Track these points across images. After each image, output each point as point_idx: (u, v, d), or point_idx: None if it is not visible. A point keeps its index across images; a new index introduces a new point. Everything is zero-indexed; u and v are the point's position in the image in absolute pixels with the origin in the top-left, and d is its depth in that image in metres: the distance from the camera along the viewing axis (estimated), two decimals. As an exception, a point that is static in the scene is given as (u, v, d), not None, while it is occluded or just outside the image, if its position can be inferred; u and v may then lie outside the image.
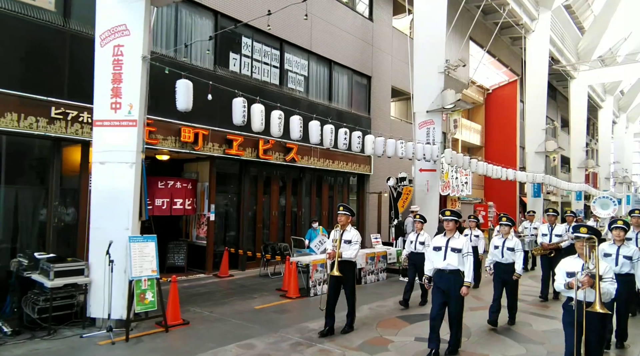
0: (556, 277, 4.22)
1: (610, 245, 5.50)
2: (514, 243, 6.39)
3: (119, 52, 5.84)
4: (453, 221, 5.12)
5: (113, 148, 5.84)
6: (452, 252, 4.98)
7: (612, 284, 3.92)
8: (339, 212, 5.97)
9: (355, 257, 5.85)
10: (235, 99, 6.99)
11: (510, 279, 6.35)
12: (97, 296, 5.75)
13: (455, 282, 4.93)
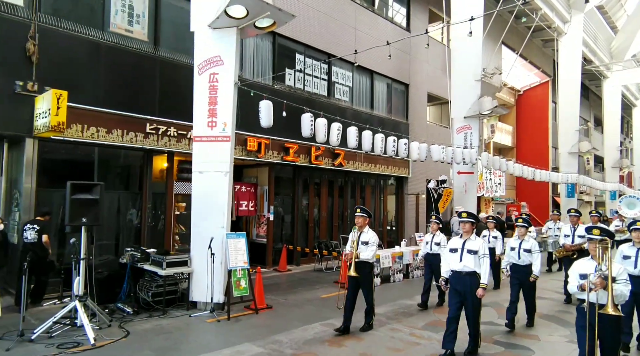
0: (569, 279, 4.18)
1: (630, 246, 5.40)
2: (531, 244, 6.33)
3: (214, 79, 6.96)
4: (470, 223, 5.15)
5: (210, 160, 6.97)
6: (469, 254, 4.98)
7: (626, 286, 3.86)
8: (356, 214, 6.10)
9: (372, 258, 5.95)
10: (304, 115, 8.07)
11: (527, 281, 6.28)
12: (198, 283, 6.89)
13: (472, 284, 4.94)
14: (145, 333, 5.76)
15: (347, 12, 13.05)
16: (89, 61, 7.71)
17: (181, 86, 8.71)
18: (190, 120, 8.51)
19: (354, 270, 5.65)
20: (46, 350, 5.00)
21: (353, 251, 5.77)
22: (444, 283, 5.26)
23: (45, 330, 5.38)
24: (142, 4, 8.56)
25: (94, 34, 7.82)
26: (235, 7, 6.41)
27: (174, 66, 8.90)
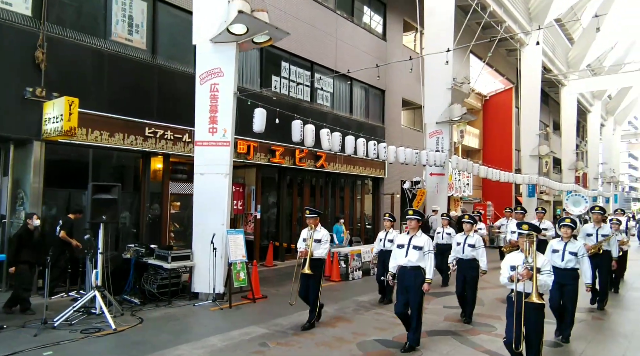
0: (501, 271, 4.41)
1: (559, 241, 5.80)
2: (475, 240, 6.53)
3: (215, 89, 7.60)
4: (415, 220, 5.32)
5: (211, 163, 7.61)
6: (414, 250, 5.14)
7: (549, 276, 4.17)
8: (306, 215, 6.29)
9: (325, 255, 6.18)
10: (295, 121, 8.82)
11: (470, 275, 6.47)
12: (200, 276, 7.52)
13: (416, 277, 5.09)
14: (156, 320, 6.36)
15: (329, 23, 13.86)
16: (92, 68, 8.17)
17: (177, 92, 9.30)
18: (184, 124, 9.18)
19: (308, 267, 5.80)
20: (71, 335, 5.53)
21: (308, 249, 5.90)
22: (391, 278, 5.41)
23: (65, 318, 5.91)
24: (141, 15, 9.06)
25: (97, 43, 8.29)
26: (237, 26, 7.08)
27: (171, 73, 9.45)
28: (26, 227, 6.41)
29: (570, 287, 5.58)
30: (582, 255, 5.63)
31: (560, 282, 5.48)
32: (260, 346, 5.26)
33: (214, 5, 7.51)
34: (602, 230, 7.53)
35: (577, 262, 5.61)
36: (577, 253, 5.61)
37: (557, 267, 5.53)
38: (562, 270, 5.57)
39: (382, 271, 7.48)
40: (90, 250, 6.54)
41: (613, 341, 5.97)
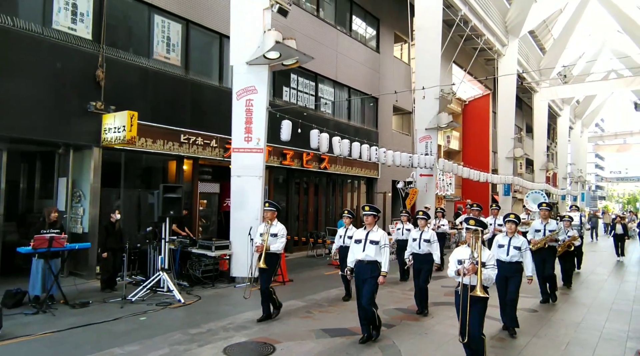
0: (449, 265, 4.55)
1: (504, 237, 6.06)
2: (430, 235, 6.83)
3: (250, 104, 8.95)
4: (372, 215, 5.42)
5: (246, 167, 8.96)
6: (371, 244, 5.24)
7: (493, 270, 4.33)
8: (265, 208, 6.49)
9: (281, 249, 6.32)
10: (313, 131, 10.25)
11: (424, 268, 6.76)
12: (237, 262, 8.87)
13: (372, 271, 5.22)
14: (210, 297, 7.70)
15: (330, 37, 15.29)
16: (139, 84, 9.38)
17: (206, 103, 10.62)
18: (212, 131, 10.54)
19: (264, 261, 5.95)
20: (149, 307, 6.83)
21: (264, 243, 6.04)
22: (349, 272, 5.55)
23: (138, 296, 7.19)
24: (177, 35, 10.30)
25: (142, 61, 9.50)
26: (272, 52, 8.45)
27: (200, 86, 10.72)
28: (109, 220, 7.65)
29: (513, 280, 5.82)
30: (525, 249, 5.87)
31: (505, 275, 5.78)
32: (307, 313, 6.70)
33: (249, 33, 8.84)
34: (550, 226, 7.76)
35: (520, 255, 5.85)
36: (520, 247, 5.84)
37: (503, 260, 5.82)
38: (507, 264, 5.84)
39: (343, 267, 7.38)
40: (153, 240, 7.82)
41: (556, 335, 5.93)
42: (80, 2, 8.48)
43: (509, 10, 24.07)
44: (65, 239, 6.71)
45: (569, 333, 6.01)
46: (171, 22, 10.15)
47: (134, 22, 9.52)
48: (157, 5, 9.75)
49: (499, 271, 5.13)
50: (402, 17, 19.10)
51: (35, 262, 6.77)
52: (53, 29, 8.08)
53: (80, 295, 7.33)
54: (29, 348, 5.00)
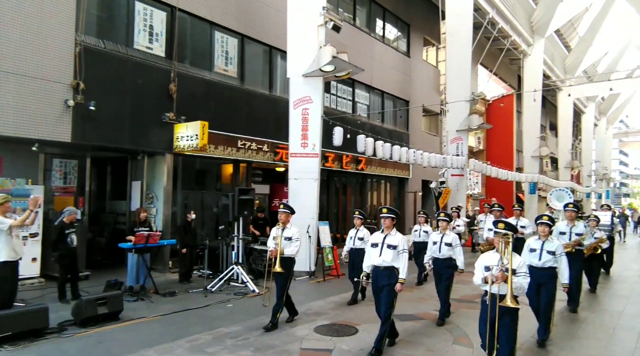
0: (475, 271, 4.22)
1: (536, 240, 5.55)
2: (452, 238, 6.29)
3: (306, 113, 9.78)
4: (390, 218, 5.07)
5: (303, 170, 9.80)
6: (388, 249, 4.92)
7: (525, 278, 3.98)
8: (279, 210, 6.07)
9: (296, 253, 5.98)
10: (359, 136, 11.04)
11: (446, 274, 6.25)
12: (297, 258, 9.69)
13: (389, 278, 4.89)
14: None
15: (365, 44, 16.01)
16: (202, 95, 10.30)
17: (258, 111, 11.49)
18: (264, 137, 11.38)
19: (279, 265, 5.67)
20: (228, 296, 7.72)
21: (277, 247, 5.78)
22: (365, 278, 5.21)
23: (217, 287, 8.10)
24: (234, 50, 11.19)
25: (205, 75, 10.42)
26: (328, 66, 9.26)
27: (254, 95, 11.61)
28: (186, 219, 8.59)
29: (547, 287, 5.42)
30: (561, 254, 5.41)
31: (538, 282, 5.39)
32: (370, 302, 7.47)
33: (305, 48, 9.67)
34: (576, 229, 7.06)
35: (555, 261, 5.41)
36: (555, 252, 5.39)
37: (535, 266, 5.41)
38: (540, 270, 5.42)
39: (352, 271, 7.34)
40: (226, 238, 8.72)
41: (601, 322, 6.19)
42: (156, 23, 9.43)
43: (535, 11, 24.38)
44: (159, 236, 7.66)
45: (613, 321, 6.67)
46: (229, 37, 11.05)
47: (198, 39, 10.43)
48: (217, 23, 10.65)
49: (531, 278, 4.71)
50: (431, 22, 19.73)
51: (131, 256, 7.71)
52: (134, 49, 9.04)
53: (162, 286, 8.28)
54: (148, 327, 5.92)
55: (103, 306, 5.94)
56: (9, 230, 5.63)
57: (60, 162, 9.34)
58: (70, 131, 7.90)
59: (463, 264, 6.30)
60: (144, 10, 9.24)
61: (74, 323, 5.79)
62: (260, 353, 5.03)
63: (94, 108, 8.01)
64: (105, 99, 8.34)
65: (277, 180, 13.44)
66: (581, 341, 5.74)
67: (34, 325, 5.24)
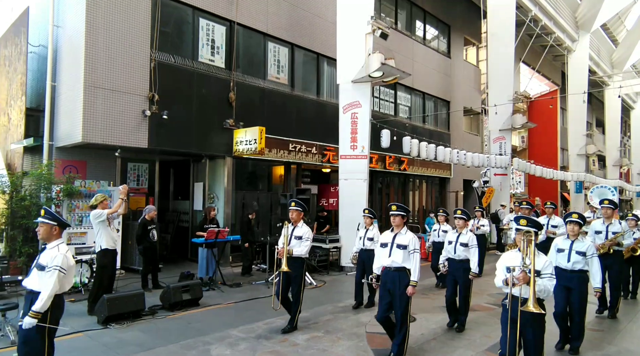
0: (497, 272, 3.96)
1: (564, 239, 5.22)
2: (469, 238, 5.82)
3: (355, 117, 10.32)
4: (400, 216, 4.76)
5: (352, 171, 10.34)
6: (398, 249, 4.64)
7: (551, 280, 3.70)
8: (290, 208, 5.77)
9: (306, 253, 5.66)
10: (405, 138, 11.47)
11: (463, 277, 5.78)
12: (346, 254, 10.27)
13: (400, 280, 4.59)
14: (332, 281, 9.16)
15: (406, 47, 16.37)
16: (257, 102, 11.07)
17: (307, 115, 12.15)
18: (313, 140, 12.01)
19: (286, 265, 5.37)
20: (289, 288, 8.37)
21: (284, 247, 5.46)
22: (374, 280, 4.98)
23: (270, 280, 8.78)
24: (285, 58, 11.91)
25: (260, 83, 11.18)
26: (376, 72, 9.77)
27: (303, 100, 12.28)
28: (248, 217, 9.36)
29: (577, 292, 5.00)
30: (592, 255, 5.01)
31: (567, 286, 5.01)
32: (422, 295, 7.95)
33: (354, 55, 10.21)
34: (613, 227, 6.64)
35: (585, 263, 5.02)
36: (585, 253, 5.00)
37: (563, 268, 5.07)
38: (569, 272, 5.05)
39: (361, 272, 6.97)
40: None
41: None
42: (217, 37, 10.27)
43: (580, 6, 23.82)
44: (227, 232, 8.43)
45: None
46: (280, 47, 11.77)
47: (253, 50, 11.20)
48: (270, 34, 11.40)
49: (559, 281, 4.53)
50: (472, 22, 19.80)
51: (202, 251, 8.52)
52: (199, 62, 9.91)
53: (228, 278, 9.06)
54: (226, 311, 6.67)
55: (187, 293, 6.73)
56: (108, 221, 6.50)
57: (134, 166, 10.36)
58: (147, 138, 8.82)
59: (477, 267, 5.77)
60: (206, 26, 10.09)
61: (163, 307, 6.61)
62: (330, 334, 5.63)
63: (166, 117, 8.91)
64: (175, 108, 9.23)
65: (324, 181, 14.06)
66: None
67: (134, 307, 6.08)
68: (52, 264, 3.49)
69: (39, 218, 3.74)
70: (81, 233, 8.49)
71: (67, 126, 8.51)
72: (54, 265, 3.49)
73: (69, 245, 8.12)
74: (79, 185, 8.44)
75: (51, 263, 3.50)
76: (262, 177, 12.01)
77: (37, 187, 8.26)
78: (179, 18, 9.80)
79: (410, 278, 4.61)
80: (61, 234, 3.77)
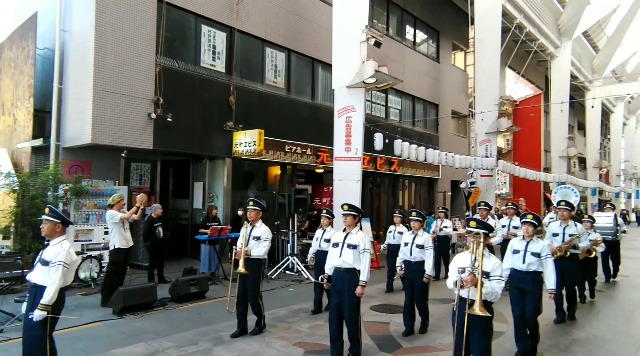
0: (449, 274, 3.96)
1: (520, 240, 5.16)
2: (424, 239, 5.78)
3: (349, 120, 10.84)
4: (351, 216, 4.82)
5: (346, 172, 10.85)
6: (348, 249, 4.64)
7: (499, 283, 3.69)
8: (248, 207, 5.64)
9: (264, 254, 5.55)
10: (396, 141, 12.04)
11: (419, 280, 5.69)
12: (340, 251, 10.80)
13: (350, 281, 4.57)
14: (327, 277, 9.66)
15: (397, 52, 16.97)
16: (255, 105, 11.51)
17: (303, 117, 12.64)
18: (307, 141, 12.49)
19: (243, 266, 5.26)
20: (287, 282, 8.88)
21: (242, 247, 5.37)
22: (325, 280, 4.94)
23: (276, 274, 9.27)
24: (282, 63, 12.39)
25: (258, 87, 11.64)
26: (370, 79, 10.31)
27: (299, 104, 12.77)
28: (237, 215, 9.82)
29: (531, 294, 4.94)
30: (546, 256, 4.99)
31: (521, 288, 5.00)
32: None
33: (349, 62, 10.70)
34: (569, 229, 6.58)
35: (540, 264, 4.98)
36: (540, 254, 4.98)
37: (518, 269, 5.06)
38: (524, 274, 5.01)
39: (318, 274, 6.64)
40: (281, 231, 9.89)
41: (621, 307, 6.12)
42: (218, 43, 10.69)
43: (562, 14, 24.75)
44: (229, 230, 8.88)
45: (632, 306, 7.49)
46: (277, 52, 12.24)
47: (252, 55, 11.65)
48: (268, 40, 11.86)
49: (514, 283, 4.70)
50: (460, 28, 20.52)
51: (204, 247, 8.97)
52: (201, 66, 10.33)
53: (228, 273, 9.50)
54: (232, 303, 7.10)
55: (194, 286, 7.19)
56: (121, 221, 6.91)
57: (137, 165, 10.73)
58: (152, 139, 9.22)
59: (432, 269, 5.70)
60: (208, 32, 10.51)
61: (172, 299, 7.05)
62: (330, 323, 6.13)
63: (170, 120, 9.31)
64: (178, 111, 9.63)
65: (318, 181, 14.59)
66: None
67: (146, 299, 6.51)
68: (56, 259, 3.67)
69: (43, 215, 3.91)
70: (88, 230, 8.85)
71: (75, 127, 8.86)
72: (58, 261, 3.66)
73: (76, 241, 8.53)
74: (87, 185, 8.79)
75: (55, 258, 3.67)
76: (259, 177, 12.47)
77: (45, 186, 8.60)
78: (183, 25, 10.20)
79: (359, 279, 4.60)
80: (64, 231, 3.94)
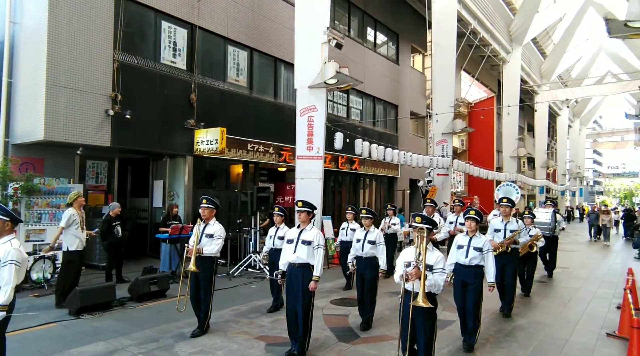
0: (396, 267, 4.05)
1: (464, 236, 5.39)
2: (375, 235, 5.90)
3: (311, 120, 11.04)
4: (305, 212, 4.90)
5: (308, 171, 11.05)
6: (303, 245, 4.71)
7: (441, 275, 3.88)
8: (201, 205, 5.57)
9: (217, 252, 5.51)
10: (357, 140, 12.37)
11: (370, 274, 5.85)
12: (302, 248, 10.99)
13: (304, 277, 4.65)
14: (289, 274, 9.83)
15: (358, 54, 17.34)
16: (218, 103, 11.47)
17: (265, 116, 12.71)
18: (270, 140, 12.61)
19: (194, 264, 5.20)
20: (249, 280, 8.97)
21: (194, 245, 5.33)
22: (280, 276, 4.97)
23: (238, 272, 9.33)
24: (244, 61, 12.39)
25: (220, 85, 11.60)
26: (331, 80, 10.55)
27: (261, 102, 12.82)
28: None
29: (472, 286, 5.17)
30: (487, 251, 5.26)
31: (464, 281, 5.24)
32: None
33: (310, 63, 10.90)
34: (511, 225, 6.81)
35: (482, 258, 5.24)
36: (482, 248, 5.23)
37: (462, 264, 5.30)
38: (466, 268, 5.25)
39: (272, 271, 6.54)
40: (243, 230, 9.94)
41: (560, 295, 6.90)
42: (179, 40, 10.57)
43: (513, 21, 26.13)
44: (190, 228, 8.82)
45: (570, 294, 8.16)
46: (240, 51, 12.24)
47: (214, 53, 11.58)
48: (230, 38, 11.83)
49: (458, 276, 5.05)
50: (418, 31, 21.21)
51: (164, 246, 8.88)
52: (161, 63, 10.18)
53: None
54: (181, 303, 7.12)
55: (154, 285, 7.14)
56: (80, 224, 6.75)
57: (93, 163, 10.42)
58: (109, 137, 9.00)
59: (385, 264, 5.87)
60: (168, 29, 10.37)
61: (131, 298, 6.98)
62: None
63: (129, 117, 9.13)
64: (138, 108, 9.45)
65: (280, 180, 14.69)
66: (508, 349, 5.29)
67: (105, 298, 6.42)
68: (7, 258, 3.58)
69: None
70: (40, 230, 8.54)
71: (26, 123, 8.51)
72: (9, 259, 3.58)
73: (27, 241, 8.24)
74: (39, 183, 8.48)
75: (6, 257, 3.58)
76: (221, 175, 12.42)
77: (-6, 184, 8.22)
78: (142, 20, 10.00)
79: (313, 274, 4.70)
80: (13, 229, 3.85)
